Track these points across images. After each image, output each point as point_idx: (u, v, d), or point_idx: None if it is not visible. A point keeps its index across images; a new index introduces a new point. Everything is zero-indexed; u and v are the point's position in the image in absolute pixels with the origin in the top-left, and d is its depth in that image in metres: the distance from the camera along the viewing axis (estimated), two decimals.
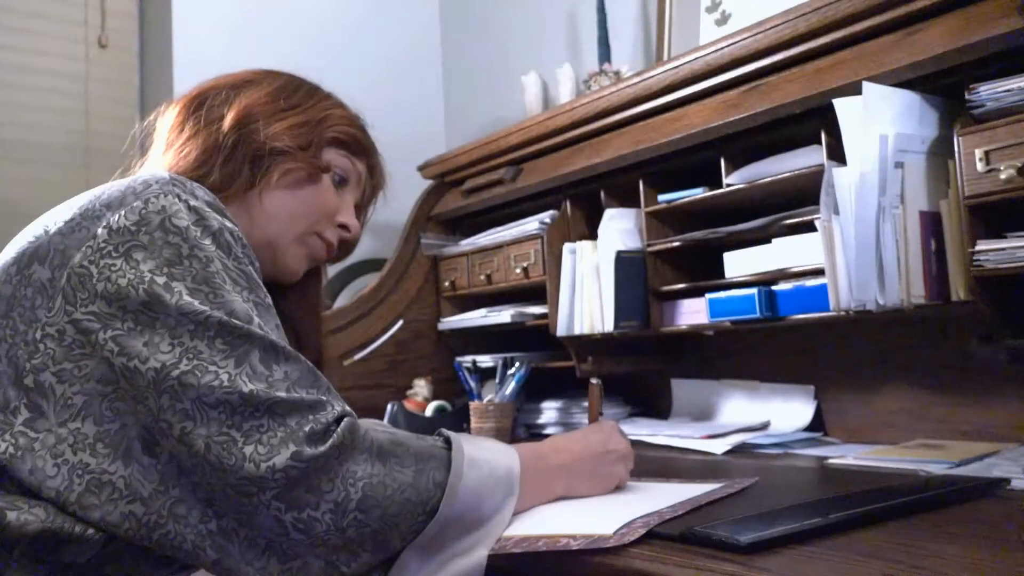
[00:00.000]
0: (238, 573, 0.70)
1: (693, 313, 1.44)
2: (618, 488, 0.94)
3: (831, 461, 1.16)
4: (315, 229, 0.96)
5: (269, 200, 0.91)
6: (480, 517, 0.78)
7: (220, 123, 0.90)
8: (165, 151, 0.92)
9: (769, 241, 1.32)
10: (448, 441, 0.80)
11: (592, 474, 0.91)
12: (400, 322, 1.92)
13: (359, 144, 0.99)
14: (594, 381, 1.04)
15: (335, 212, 0.97)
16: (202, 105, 0.92)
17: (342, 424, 0.72)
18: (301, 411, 0.71)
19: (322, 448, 0.69)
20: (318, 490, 0.69)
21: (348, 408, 0.75)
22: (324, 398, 0.73)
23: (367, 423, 0.77)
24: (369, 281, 1.97)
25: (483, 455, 0.80)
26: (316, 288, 1.07)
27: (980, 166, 1.00)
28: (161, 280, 0.71)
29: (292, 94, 0.96)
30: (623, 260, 1.48)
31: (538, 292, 1.70)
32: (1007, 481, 0.93)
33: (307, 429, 0.70)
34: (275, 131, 0.91)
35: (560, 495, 0.89)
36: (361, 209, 1.05)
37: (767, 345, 1.54)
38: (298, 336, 1.02)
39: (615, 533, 0.75)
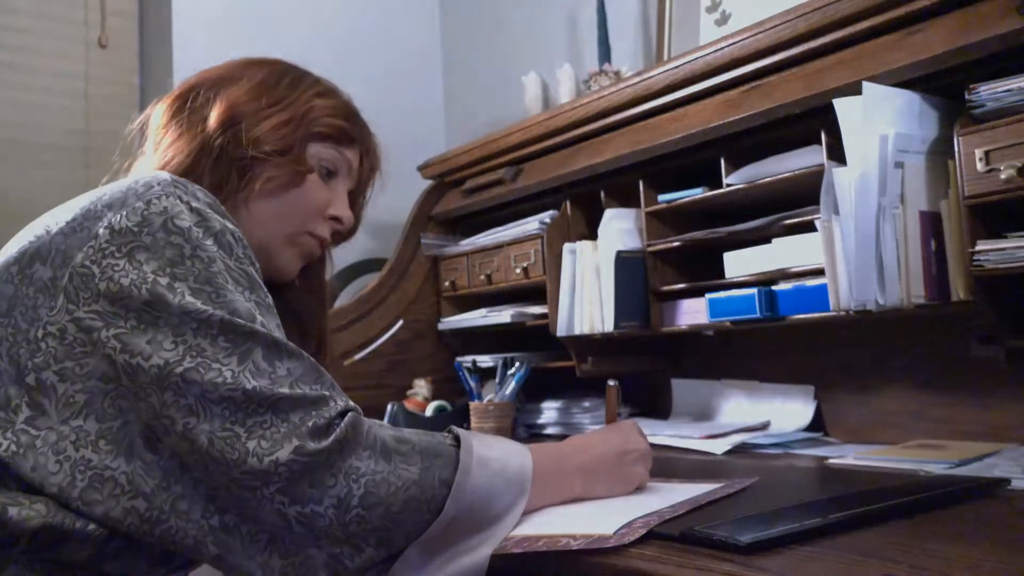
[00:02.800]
0: (240, 568, 0.70)
1: (693, 313, 1.44)
2: (638, 489, 0.92)
3: (831, 461, 1.16)
4: (305, 229, 0.95)
5: (255, 206, 0.90)
6: (489, 516, 0.77)
7: (204, 124, 0.89)
8: (155, 151, 0.91)
9: (769, 241, 1.32)
10: (457, 439, 0.80)
11: (611, 474, 0.90)
12: (400, 322, 1.92)
13: (345, 134, 0.97)
14: (611, 383, 1.02)
15: (324, 208, 0.96)
16: (184, 105, 0.91)
17: (345, 419, 0.72)
18: (304, 407, 0.71)
19: (325, 443, 0.69)
20: (321, 485, 0.69)
21: (352, 404, 0.75)
22: (327, 394, 0.73)
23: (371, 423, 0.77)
24: (369, 281, 1.97)
25: (494, 454, 0.79)
26: (320, 275, 1.06)
27: (980, 166, 1.00)
28: (164, 280, 0.71)
29: (274, 88, 0.94)
30: (623, 260, 1.48)
31: (538, 292, 1.70)
32: (1007, 481, 0.93)
33: (310, 424, 0.70)
34: (257, 135, 0.89)
35: (578, 495, 0.87)
36: (358, 194, 1.03)
37: (767, 345, 1.54)
38: (301, 324, 1.02)
39: (615, 533, 0.75)
